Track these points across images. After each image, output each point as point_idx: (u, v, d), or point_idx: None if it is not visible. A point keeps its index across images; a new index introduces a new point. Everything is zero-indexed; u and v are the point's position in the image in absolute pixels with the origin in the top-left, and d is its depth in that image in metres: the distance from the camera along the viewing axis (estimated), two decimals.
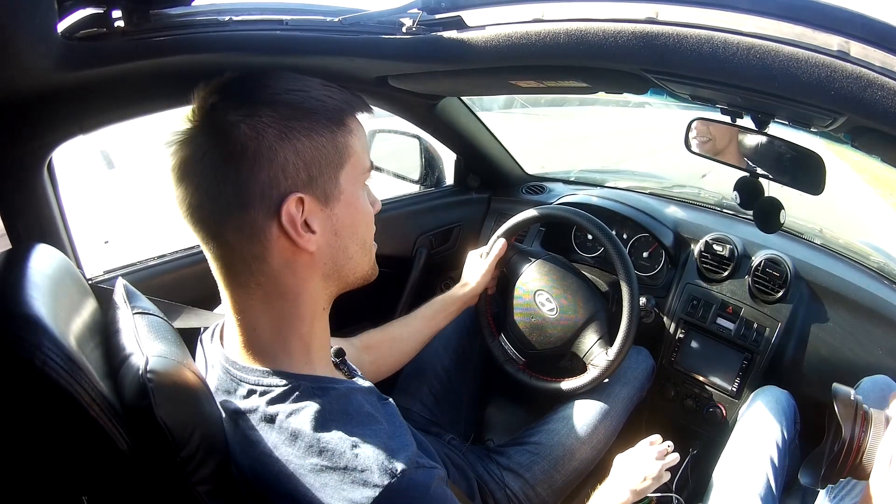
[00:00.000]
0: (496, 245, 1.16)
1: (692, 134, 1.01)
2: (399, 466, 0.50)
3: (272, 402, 0.54)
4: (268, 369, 0.56)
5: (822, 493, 0.86)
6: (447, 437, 1.06)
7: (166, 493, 0.52)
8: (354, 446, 0.51)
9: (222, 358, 0.60)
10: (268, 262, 0.55)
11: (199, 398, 0.53)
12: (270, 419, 0.54)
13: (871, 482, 0.58)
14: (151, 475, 0.50)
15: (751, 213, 0.93)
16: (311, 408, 0.53)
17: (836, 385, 0.65)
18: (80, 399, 0.45)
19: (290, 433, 0.52)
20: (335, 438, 0.51)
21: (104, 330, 0.62)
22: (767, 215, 0.91)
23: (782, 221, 0.91)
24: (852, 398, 0.62)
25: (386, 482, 0.49)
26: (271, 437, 0.53)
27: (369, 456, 0.50)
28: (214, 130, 0.52)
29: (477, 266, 1.16)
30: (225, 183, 0.52)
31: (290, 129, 0.52)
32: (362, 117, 0.61)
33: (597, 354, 1.07)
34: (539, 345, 1.13)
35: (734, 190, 0.93)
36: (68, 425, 0.46)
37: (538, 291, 1.13)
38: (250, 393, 0.56)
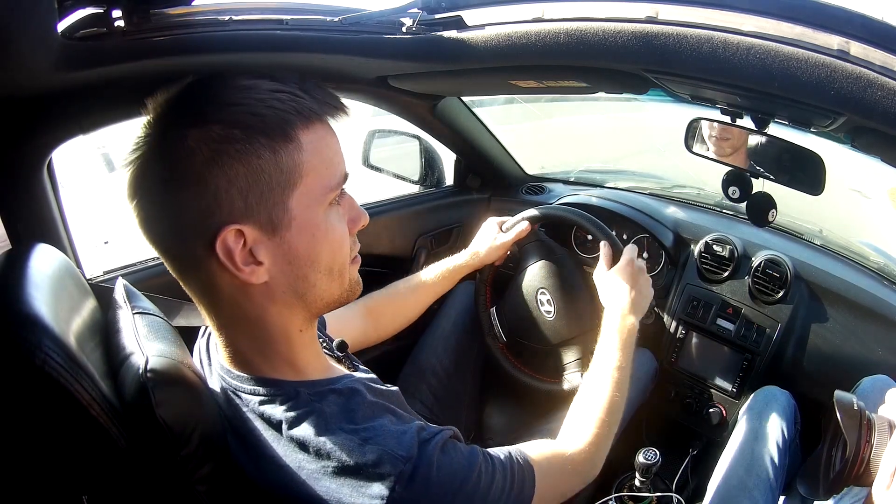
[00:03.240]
0: (520, 225, 1.11)
1: (692, 134, 1.01)
2: (407, 451, 0.51)
3: (272, 411, 0.54)
4: (261, 377, 0.56)
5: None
6: None
7: (166, 493, 0.52)
8: (362, 443, 0.51)
9: (218, 366, 0.60)
10: (220, 289, 0.52)
11: (199, 397, 0.53)
12: (275, 428, 0.54)
13: (874, 492, 0.56)
14: (151, 474, 0.50)
15: (746, 208, 0.94)
16: (313, 415, 0.53)
17: (837, 393, 0.64)
18: (81, 398, 0.46)
19: (297, 441, 0.52)
20: (342, 439, 0.51)
21: (104, 330, 0.62)
22: (758, 210, 0.92)
23: (771, 219, 0.91)
24: (855, 407, 0.61)
25: (399, 469, 0.50)
26: (279, 446, 0.53)
27: (378, 449, 0.51)
28: (157, 148, 0.48)
29: (492, 236, 1.12)
30: (162, 210, 0.49)
31: (220, 153, 0.47)
32: (336, 122, 0.54)
33: (572, 372, 1.08)
34: (525, 337, 1.14)
35: (724, 185, 0.94)
36: (68, 424, 0.46)
37: (541, 290, 1.12)
38: (247, 402, 0.56)
